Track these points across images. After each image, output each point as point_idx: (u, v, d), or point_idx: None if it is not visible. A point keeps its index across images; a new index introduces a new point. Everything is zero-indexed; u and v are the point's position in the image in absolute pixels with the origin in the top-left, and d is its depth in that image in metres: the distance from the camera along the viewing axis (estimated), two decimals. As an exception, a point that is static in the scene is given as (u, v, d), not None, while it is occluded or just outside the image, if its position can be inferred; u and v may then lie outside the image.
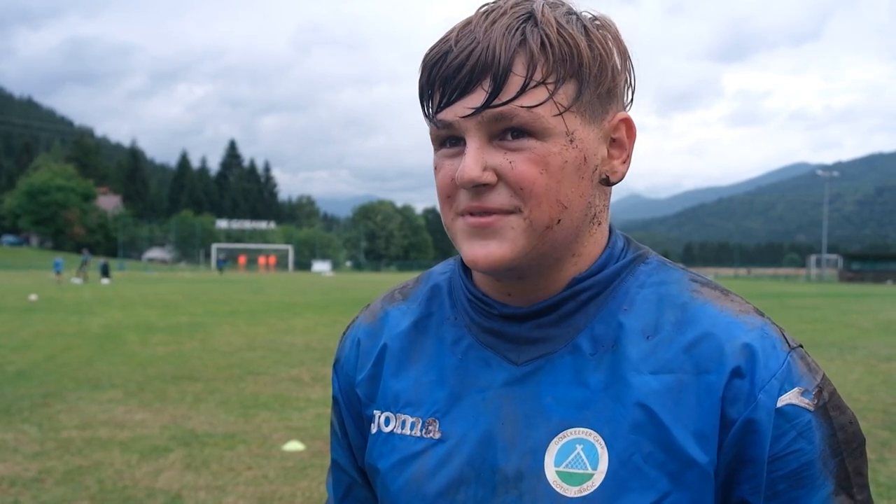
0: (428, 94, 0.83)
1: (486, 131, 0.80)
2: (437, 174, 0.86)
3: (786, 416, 0.79)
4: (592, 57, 0.80)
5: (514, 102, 0.78)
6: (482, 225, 0.81)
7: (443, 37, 0.83)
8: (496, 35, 0.78)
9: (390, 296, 1.05)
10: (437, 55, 0.81)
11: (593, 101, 0.82)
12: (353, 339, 1.04)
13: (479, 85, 0.78)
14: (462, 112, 0.79)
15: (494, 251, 0.81)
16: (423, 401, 0.93)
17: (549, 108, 0.79)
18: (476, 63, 0.78)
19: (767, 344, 0.82)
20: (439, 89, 0.81)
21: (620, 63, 0.84)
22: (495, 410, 0.88)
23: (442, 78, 0.80)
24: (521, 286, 0.88)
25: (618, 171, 0.87)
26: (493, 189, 0.80)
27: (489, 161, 0.80)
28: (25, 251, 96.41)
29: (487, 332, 0.91)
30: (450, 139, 0.84)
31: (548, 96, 0.78)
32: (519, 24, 0.79)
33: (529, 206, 0.80)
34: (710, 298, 0.87)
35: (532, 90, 0.78)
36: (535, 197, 0.80)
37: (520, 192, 0.80)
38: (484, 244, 0.82)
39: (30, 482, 5.17)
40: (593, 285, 0.88)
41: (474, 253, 0.82)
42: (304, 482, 5.27)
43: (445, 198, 0.85)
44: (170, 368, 10.10)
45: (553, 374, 0.87)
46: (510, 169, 0.79)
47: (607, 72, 0.82)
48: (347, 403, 1.03)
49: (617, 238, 0.93)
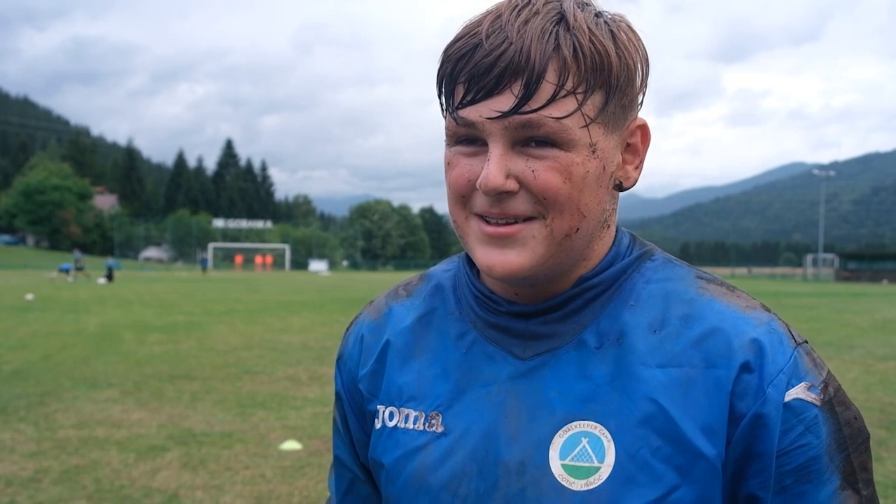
0: (450, 88, 0.80)
1: (511, 137, 0.78)
2: (451, 171, 0.84)
3: (793, 411, 0.79)
4: (621, 67, 0.79)
5: (544, 111, 0.76)
6: (503, 235, 0.80)
7: (469, 27, 0.80)
8: (530, 37, 0.75)
9: (394, 292, 1.04)
10: (465, 48, 0.78)
11: (616, 111, 0.81)
12: (357, 335, 1.03)
13: (509, 88, 0.75)
14: (488, 113, 0.77)
15: (513, 260, 0.81)
16: (426, 395, 0.92)
17: (577, 119, 0.77)
18: (508, 65, 0.75)
19: (775, 339, 0.82)
20: (464, 84, 0.78)
21: (643, 72, 0.83)
22: (499, 404, 0.87)
23: (469, 74, 0.77)
24: (530, 289, 0.88)
25: (631, 177, 0.87)
26: (515, 196, 0.79)
27: (512, 168, 0.78)
28: (22, 250, 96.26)
29: (493, 327, 0.91)
30: (468, 137, 0.81)
31: (576, 107, 0.77)
32: (552, 27, 0.76)
33: (552, 214, 0.79)
34: (716, 294, 0.87)
35: (562, 99, 0.76)
36: (558, 206, 0.79)
37: (543, 202, 0.79)
38: (502, 252, 0.81)
39: (26, 482, 5.15)
40: (600, 283, 0.88)
41: (491, 260, 0.81)
42: (301, 481, 5.25)
43: (459, 197, 0.83)
44: (166, 367, 10.08)
45: (558, 368, 0.86)
46: (533, 178, 0.78)
47: (634, 82, 0.82)
48: (350, 399, 1.02)
49: (623, 236, 0.93)
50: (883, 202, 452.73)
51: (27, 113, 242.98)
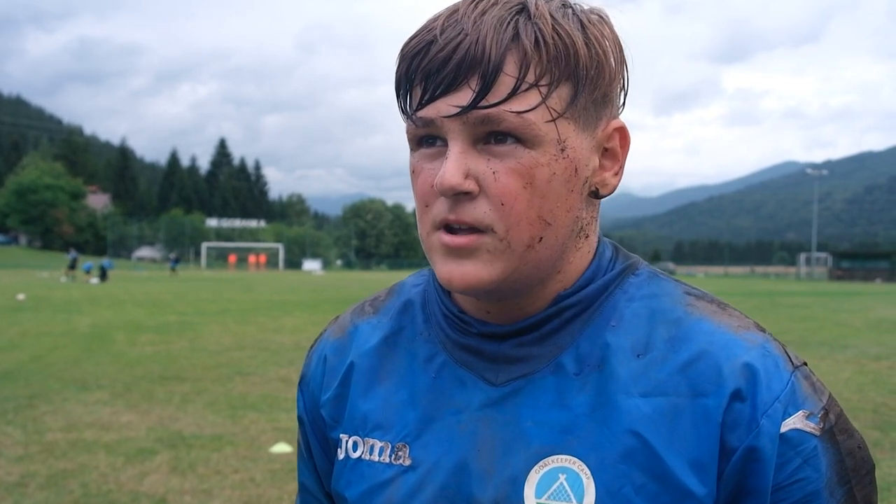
0: (406, 89, 0.76)
1: (471, 134, 0.73)
2: (416, 179, 0.78)
3: (790, 443, 0.73)
4: (589, 57, 0.73)
5: (504, 106, 0.71)
6: (460, 245, 0.74)
7: (425, 25, 0.75)
8: (486, 27, 0.71)
9: (360, 308, 0.98)
10: (418, 45, 0.73)
11: (588, 107, 0.75)
12: (320, 355, 0.96)
13: (466, 82, 0.71)
14: (445, 111, 0.72)
15: (470, 272, 0.75)
16: (392, 423, 0.85)
17: (541, 113, 0.72)
18: (464, 58, 0.70)
19: (770, 363, 0.75)
20: (420, 84, 0.73)
21: (617, 65, 0.77)
22: (471, 435, 0.81)
23: (424, 71, 0.73)
24: (501, 305, 0.81)
25: (609, 184, 0.80)
26: (473, 200, 0.73)
27: (472, 167, 0.73)
28: (14, 250, 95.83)
29: (464, 349, 0.84)
30: (428, 138, 0.76)
31: (540, 100, 0.72)
32: (511, 16, 0.72)
33: (507, 224, 0.73)
34: (706, 313, 0.80)
35: (523, 93, 0.71)
36: (515, 214, 0.73)
37: (500, 208, 0.73)
38: (459, 264, 0.75)
39: (12, 487, 5.09)
40: (579, 301, 0.81)
41: (450, 273, 0.75)
42: (291, 485, 5.20)
43: (424, 207, 0.77)
44: (157, 368, 10.01)
45: (533, 395, 0.80)
46: (493, 180, 0.73)
47: (604, 74, 0.76)
48: (313, 424, 0.96)
49: (605, 248, 0.86)
50: (876, 201, 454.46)
51: (19, 112, 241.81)
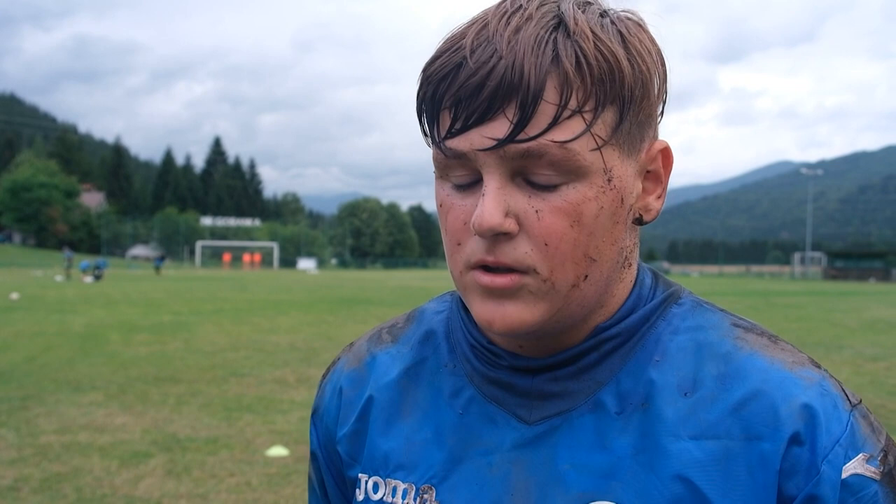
0: (433, 114, 0.68)
1: (509, 168, 0.66)
2: (446, 215, 0.71)
3: (850, 489, 0.68)
4: (633, 76, 0.67)
5: (545, 136, 0.64)
6: (499, 286, 0.68)
7: (451, 40, 0.67)
8: (523, 48, 0.63)
9: (377, 336, 0.91)
10: (447, 67, 0.66)
11: (632, 130, 0.69)
12: (335, 387, 0.90)
13: (502, 111, 0.64)
14: (480, 143, 0.65)
15: (512, 314, 0.69)
16: (416, 463, 0.79)
17: (586, 141, 0.65)
18: (499, 84, 0.63)
19: (828, 403, 0.70)
20: (450, 111, 0.66)
21: (660, 81, 0.71)
22: (503, 478, 0.74)
23: (454, 98, 0.65)
24: (537, 340, 0.75)
25: (652, 209, 0.74)
26: (512, 240, 0.67)
27: (511, 205, 0.66)
28: (8, 248, 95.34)
29: (493, 383, 0.78)
30: (459, 170, 0.69)
31: (585, 128, 0.65)
32: (548, 34, 0.64)
33: (551, 265, 0.67)
34: (756, 347, 0.74)
35: (566, 121, 0.64)
36: (560, 255, 0.67)
37: (543, 248, 0.67)
38: (500, 304, 0.69)
39: (5, 491, 5.03)
40: (619, 333, 0.75)
41: (490, 315, 0.69)
42: (287, 489, 5.16)
43: (455, 245, 0.71)
44: (152, 370, 9.94)
45: (571, 435, 0.74)
46: (536, 219, 0.66)
47: (651, 93, 0.70)
48: (328, 461, 0.89)
49: (644, 275, 0.80)
50: (870, 201, 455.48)
51: (13, 110, 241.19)
